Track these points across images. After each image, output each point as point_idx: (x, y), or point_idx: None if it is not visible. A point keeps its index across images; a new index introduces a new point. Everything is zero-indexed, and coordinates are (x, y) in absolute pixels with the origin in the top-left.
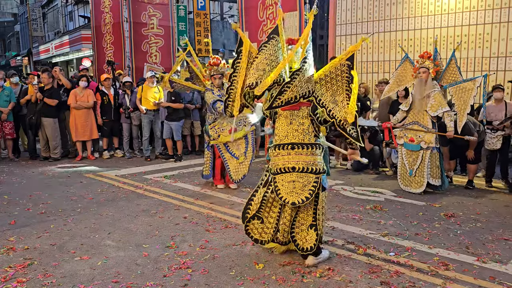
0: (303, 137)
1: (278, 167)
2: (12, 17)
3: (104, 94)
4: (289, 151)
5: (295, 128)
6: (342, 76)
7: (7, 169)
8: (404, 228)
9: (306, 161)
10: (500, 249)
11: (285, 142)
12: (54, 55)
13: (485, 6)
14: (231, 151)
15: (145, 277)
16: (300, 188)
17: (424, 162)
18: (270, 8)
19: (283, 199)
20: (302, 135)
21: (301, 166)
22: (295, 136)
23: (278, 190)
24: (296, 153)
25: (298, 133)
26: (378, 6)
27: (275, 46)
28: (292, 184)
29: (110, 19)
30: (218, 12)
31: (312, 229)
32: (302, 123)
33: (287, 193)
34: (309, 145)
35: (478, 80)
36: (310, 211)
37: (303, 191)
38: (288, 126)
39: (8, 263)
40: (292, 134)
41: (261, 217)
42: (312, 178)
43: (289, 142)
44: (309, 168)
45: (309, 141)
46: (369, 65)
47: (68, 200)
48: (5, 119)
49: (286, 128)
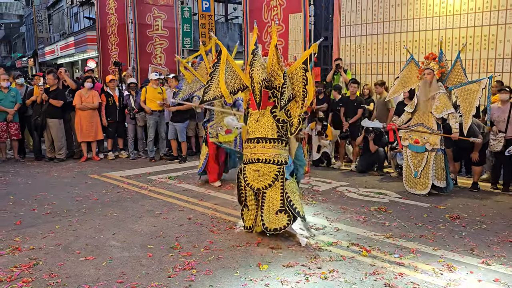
0: (266, 133)
1: (247, 157)
2: (18, 18)
3: (109, 95)
4: (255, 144)
5: (261, 125)
6: (298, 81)
7: (13, 170)
8: (409, 229)
9: (269, 153)
10: (505, 251)
11: (252, 137)
12: (60, 56)
13: (490, 7)
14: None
15: (149, 278)
16: (263, 176)
17: (429, 163)
18: (275, 10)
19: (249, 186)
20: (266, 131)
21: (265, 157)
22: (260, 132)
23: (246, 177)
24: (261, 146)
25: (263, 129)
26: (383, 8)
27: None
28: (257, 172)
29: (115, 21)
30: (222, 14)
31: (281, 213)
32: (267, 120)
33: (253, 180)
34: (272, 140)
35: (483, 82)
36: (277, 198)
37: (266, 179)
38: (256, 123)
39: (13, 263)
40: (258, 130)
41: (247, 204)
42: (275, 168)
43: (255, 136)
44: (271, 159)
45: (272, 136)
46: (374, 66)
47: (73, 200)
48: (11, 120)
49: (254, 125)
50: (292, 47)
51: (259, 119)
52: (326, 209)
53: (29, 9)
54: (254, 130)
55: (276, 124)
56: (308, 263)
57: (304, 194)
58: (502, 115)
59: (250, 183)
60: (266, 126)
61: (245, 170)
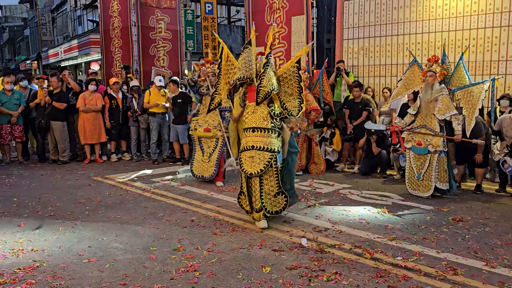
0: (261, 123)
1: (243, 145)
2: (22, 21)
3: (113, 97)
4: (250, 133)
5: (256, 116)
6: (293, 76)
7: (17, 172)
8: (412, 232)
9: (263, 141)
10: (509, 254)
11: (248, 126)
12: (63, 59)
13: (493, 9)
14: (202, 146)
15: (152, 280)
16: (257, 162)
17: (431, 166)
18: (278, 12)
19: (244, 171)
20: (260, 121)
21: (259, 145)
22: (256, 122)
23: (242, 164)
24: (255, 135)
25: (258, 119)
26: (386, 10)
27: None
28: (251, 159)
29: (119, 23)
30: (225, 16)
31: (280, 196)
32: (261, 111)
33: (248, 165)
34: (266, 129)
35: (486, 84)
36: (273, 182)
37: (259, 165)
38: (252, 115)
39: (17, 265)
40: (254, 120)
41: (243, 191)
42: (267, 155)
43: (251, 126)
44: (265, 147)
45: (266, 126)
46: (377, 68)
47: (77, 202)
48: (15, 122)
49: (251, 116)
50: (294, 50)
51: (255, 111)
52: (329, 211)
53: (33, 12)
54: (249, 120)
55: (270, 115)
56: (311, 265)
57: (307, 196)
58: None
59: (244, 169)
60: (260, 117)
61: (241, 157)
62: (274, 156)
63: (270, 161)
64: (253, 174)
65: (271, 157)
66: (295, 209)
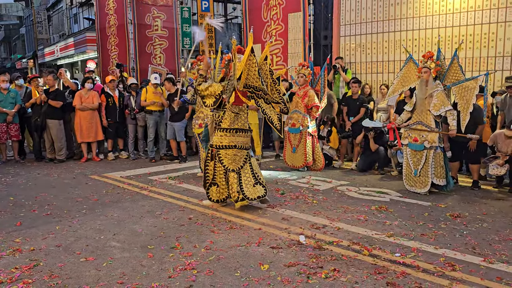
0: (241, 125)
1: (222, 144)
2: (18, 20)
3: (109, 95)
4: (233, 134)
5: (238, 118)
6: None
7: (13, 171)
8: (410, 228)
9: (243, 141)
10: (507, 250)
11: (231, 127)
12: (59, 57)
13: (490, 5)
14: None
15: (150, 278)
16: (238, 160)
17: (428, 161)
18: (274, 9)
19: (226, 167)
20: (241, 123)
21: (240, 144)
22: (238, 124)
23: (222, 160)
24: (237, 136)
25: (239, 121)
26: (382, 6)
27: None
28: (234, 157)
29: (115, 21)
30: (222, 14)
31: (258, 185)
32: (243, 114)
33: (229, 163)
34: (245, 130)
35: (480, 79)
36: (250, 175)
37: (239, 162)
38: (235, 116)
39: (14, 264)
40: (236, 122)
41: (216, 183)
42: (245, 153)
43: (234, 127)
44: (243, 146)
45: (245, 127)
46: (373, 65)
47: (74, 201)
48: (11, 121)
49: (233, 118)
50: (291, 47)
51: (238, 113)
52: (327, 208)
53: (28, 10)
54: (233, 121)
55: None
56: (309, 262)
57: (305, 194)
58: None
59: (226, 165)
60: (241, 119)
61: (220, 154)
62: (248, 153)
63: (247, 157)
64: (235, 170)
65: (247, 154)
66: (293, 206)
